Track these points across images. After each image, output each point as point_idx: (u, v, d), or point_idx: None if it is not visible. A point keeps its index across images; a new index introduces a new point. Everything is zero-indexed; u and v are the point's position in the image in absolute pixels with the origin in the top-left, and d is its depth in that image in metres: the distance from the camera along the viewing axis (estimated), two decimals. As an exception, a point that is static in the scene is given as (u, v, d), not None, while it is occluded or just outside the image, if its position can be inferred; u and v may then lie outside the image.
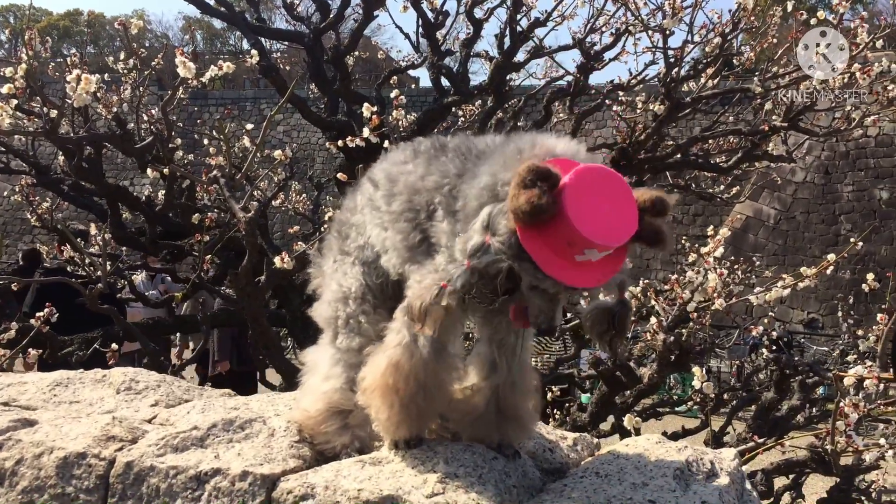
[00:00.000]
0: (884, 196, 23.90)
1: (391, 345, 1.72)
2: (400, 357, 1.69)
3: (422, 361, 1.68)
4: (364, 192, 1.94)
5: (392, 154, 1.96)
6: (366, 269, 1.91)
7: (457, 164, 1.71)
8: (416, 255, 1.73)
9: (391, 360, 1.70)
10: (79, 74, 3.48)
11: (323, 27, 5.95)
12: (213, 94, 31.51)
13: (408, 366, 1.68)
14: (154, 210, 4.91)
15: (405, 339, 1.70)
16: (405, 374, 1.68)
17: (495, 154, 1.65)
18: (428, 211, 1.71)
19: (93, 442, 1.90)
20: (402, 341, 1.70)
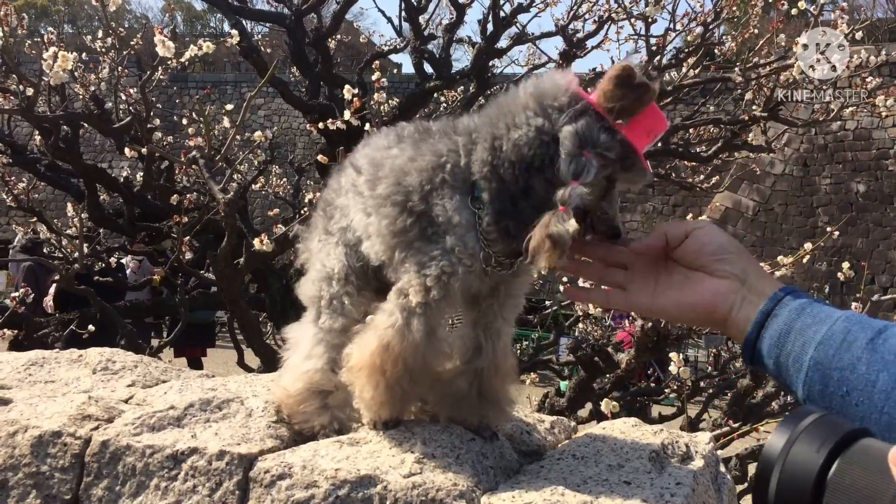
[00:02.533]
0: (860, 189, 24.19)
1: (382, 326, 1.71)
2: (391, 339, 1.68)
3: (413, 345, 1.67)
4: (348, 176, 1.92)
5: (374, 139, 1.93)
6: (348, 250, 1.90)
7: (448, 143, 1.70)
8: (407, 239, 1.70)
9: (382, 340, 1.69)
10: (56, 52, 3.43)
11: (305, 9, 5.90)
12: (193, 76, 31.21)
13: (399, 348, 1.68)
14: (132, 191, 4.86)
15: (398, 321, 1.68)
16: (395, 357, 1.68)
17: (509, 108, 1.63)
18: (422, 192, 1.68)
19: (68, 421, 1.89)
20: (394, 323, 1.69)
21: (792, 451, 0.95)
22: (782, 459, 0.95)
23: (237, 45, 4.89)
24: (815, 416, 0.98)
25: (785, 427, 0.98)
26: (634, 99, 1.46)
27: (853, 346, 1.13)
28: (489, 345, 1.81)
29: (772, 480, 0.96)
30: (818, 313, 1.21)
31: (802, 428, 0.96)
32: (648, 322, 3.00)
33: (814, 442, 0.94)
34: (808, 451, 0.94)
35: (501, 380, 1.85)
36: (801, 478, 0.93)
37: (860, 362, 1.12)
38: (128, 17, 47.57)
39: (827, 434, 0.94)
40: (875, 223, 23.96)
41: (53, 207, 20.49)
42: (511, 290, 1.81)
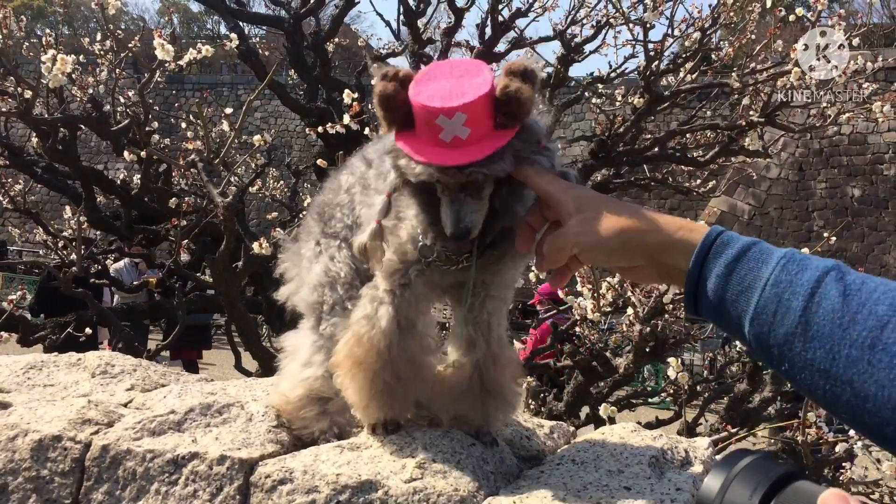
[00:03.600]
0: (856, 193, 24.29)
1: (355, 318, 1.72)
2: (361, 327, 1.69)
3: (381, 332, 1.67)
4: (354, 172, 1.92)
5: (375, 143, 1.95)
6: (351, 252, 1.89)
7: None
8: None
9: (354, 332, 1.71)
10: (54, 54, 3.42)
11: (303, 12, 5.90)
12: (190, 78, 31.21)
13: (368, 336, 1.68)
14: (129, 194, 4.85)
15: (367, 310, 1.70)
16: (366, 345, 1.68)
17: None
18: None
19: (68, 425, 1.88)
20: (363, 313, 1.70)
21: (727, 496, 0.95)
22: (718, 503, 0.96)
23: (236, 48, 4.89)
24: (749, 459, 0.98)
25: (719, 471, 0.98)
26: (377, 106, 1.46)
27: (786, 318, 1.07)
28: (480, 337, 1.80)
29: None
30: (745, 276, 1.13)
31: (736, 472, 0.97)
32: (646, 327, 3.01)
33: (748, 486, 0.94)
34: (742, 495, 0.94)
35: (502, 370, 1.84)
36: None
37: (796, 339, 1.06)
38: (124, 19, 47.53)
39: (760, 478, 0.95)
40: (870, 227, 24.05)
41: (49, 209, 20.45)
42: (491, 291, 1.79)
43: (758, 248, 1.15)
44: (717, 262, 1.16)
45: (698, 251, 1.19)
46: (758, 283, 1.11)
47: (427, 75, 1.47)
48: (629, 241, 1.27)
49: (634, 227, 1.27)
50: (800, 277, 1.08)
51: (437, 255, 1.63)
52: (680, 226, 1.25)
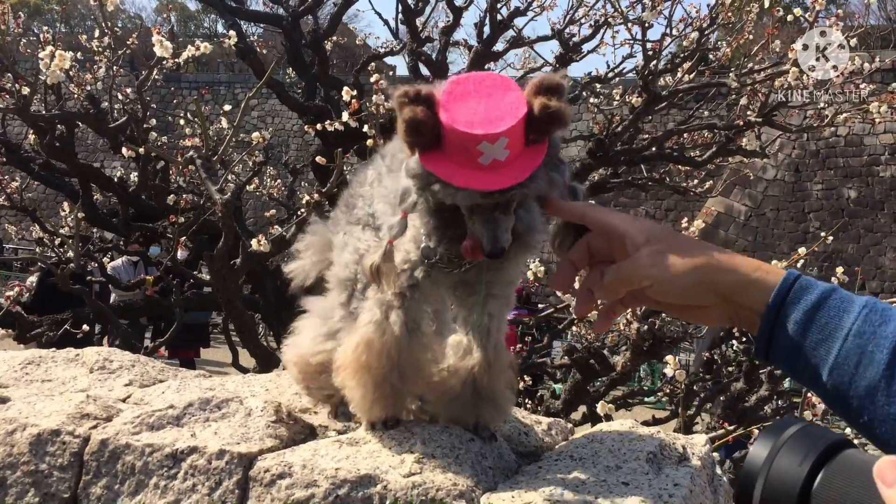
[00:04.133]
0: (852, 195, 24.35)
1: (363, 322, 1.73)
2: (372, 334, 1.70)
3: (394, 338, 1.68)
4: (376, 167, 1.94)
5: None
6: (377, 234, 1.90)
7: None
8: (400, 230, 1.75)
9: (363, 337, 1.71)
10: (52, 51, 3.42)
11: (301, 10, 5.90)
12: (187, 76, 31.17)
13: (379, 343, 1.69)
14: (127, 191, 4.85)
15: (376, 316, 1.70)
16: (377, 352, 1.69)
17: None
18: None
19: (67, 419, 1.89)
20: (373, 318, 1.71)
21: (775, 463, 0.94)
22: (766, 471, 0.95)
23: (234, 45, 4.89)
24: (798, 426, 0.97)
25: (767, 438, 0.97)
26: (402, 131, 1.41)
27: (869, 369, 1.04)
28: (478, 342, 1.81)
29: (755, 492, 0.95)
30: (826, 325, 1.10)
31: (785, 439, 0.96)
32: (644, 325, 3.01)
33: (797, 454, 0.93)
34: (792, 463, 0.93)
35: (495, 377, 1.85)
36: (785, 490, 0.92)
37: (879, 392, 1.03)
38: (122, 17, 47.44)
39: (810, 446, 0.94)
40: (866, 229, 24.11)
41: (45, 207, 20.42)
42: (493, 290, 1.80)
43: (838, 296, 1.12)
44: (796, 307, 1.13)
45: (776, 293, 1.15)
46: (839, 332, 1.08)
47: (454, 95, 1.44)
48: (704, 278, 1.24)
49: (711, 265, 1.24)
50: (883, 329, 1.06)
51: (440, 257, 1.64)
52: (757, 266, 1.22)
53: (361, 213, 1.93)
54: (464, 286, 1.79)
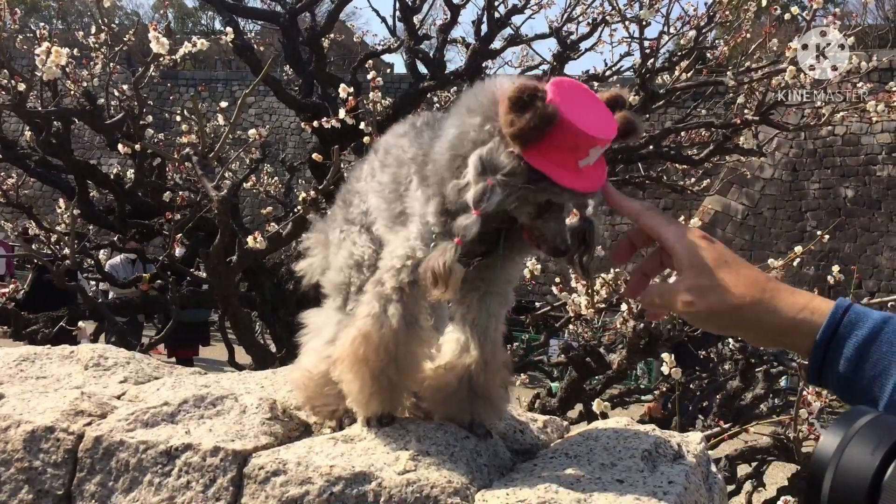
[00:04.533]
0: (849, 194, 24.36)
1: (361, 315, 1.72)
2: (370, 327, 1.69)
3: (392, 332, 1.68)
4: (370, 161, 1.94)
5: (396, 126, 1.95)
6: (370, 235, 1.91)
7: (430, 135, 1.72)
8: (395, 225, 1.75)
9: (361, 330, 1.70)
10: (49, 47, 3.41)
11: (299, 7, 5.89)
12: (184, 74, 31.11)
13: (377, 335, 1.68)
14: (123, 188, 4.83)
15: (375, 309, 1.70)
16: (375, 345, 1.68)
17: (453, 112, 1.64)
18: (405, 183, 1.72)
19: (61, 416, 1.88)
20: (371, 311, 1.70)
21: (846, 453, 0.93)
22: (836, 460, 0.93)
23: (231, 42, 4.88)
24: (870, 416, 0.95)
25: (838, 427, 0.95)
26: (531, 125, 1.39)
27: None
28: (475, 341, 1.81)
29: (825, 482, 0.94)
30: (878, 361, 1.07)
31: (857, 429, 0.94)
32: (640, 323, 3.01)
33: (868, 443, 0.92)
34: (863, 452, 0.92)
35: (491, 376, 1.85)
36: (856, 480, 0.91)
37: None
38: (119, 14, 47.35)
39: (882, 436, 0.92)
40: (863, 228, 24.13)
41: (42, 204, 20.39)
42: (493, 287, 1.80)
43: (890, 329, 1.09)
44: (846, 344, 1.10)
45: (822, 333, 1.12)
46: (894, 368, 1.06)
47: (568, 97, 1.44)
48: (743, 320, 1.22)
49: (752, 306, 1.20)
50: None
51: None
52: (803, 306, 1.17)
53: (357, 210, 1.93)
54: (465, 285, 1.79)
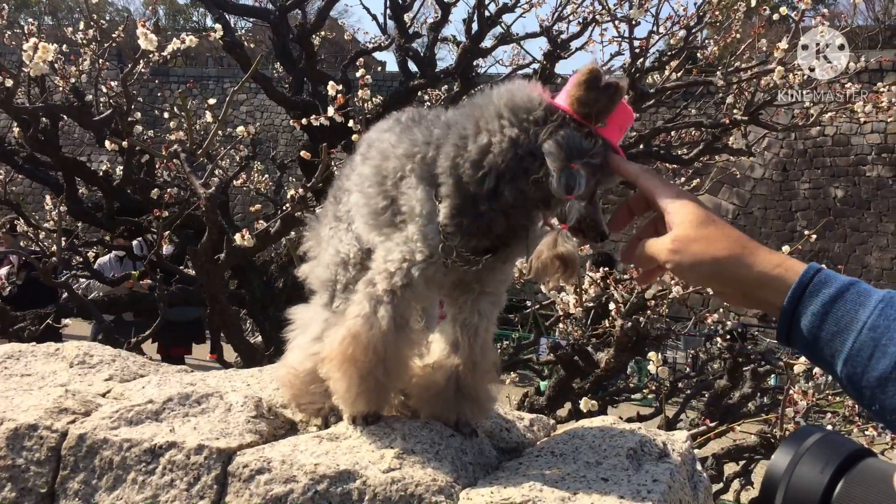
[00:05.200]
0: (838, 194, 24.48)
1: (351, 315, 1.72)
2: (359, 328, 1.69)
3: (381, 333, 1.68)
4: (353, 157, 1.93)
5: (381, 122, 1.95)
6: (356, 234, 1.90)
7: (425, 133, 1.72)
8: (379, 222, 1.73)
9: (350, 330, 1.70)
10: (36, 43, 3.39)
11: (289, 4, 5.87)
12: (175, 71, 30.99)
13: (367, 336, 1.68)
14: (111, 185, 4.81)
15: (365, 310, 1.70)
16: (364, 345, 1.68)
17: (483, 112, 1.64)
18: (395, 178, 1.70)
19: (45, 414, 1.87)
20: (361, 312, 1.70)
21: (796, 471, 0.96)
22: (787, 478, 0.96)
23: (220, 39, 4.85)
24: (818, 435, 0.99)
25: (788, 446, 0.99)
26: (607, 100, 1.48)
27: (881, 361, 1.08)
28: (465, 341, 1.81)
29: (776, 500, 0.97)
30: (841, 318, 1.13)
31: (806, 447, 0.98)
32: (628, 322, 3.02)
33: (818, 462, 0.95)
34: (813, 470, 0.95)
35: (479, 377, 1.85)
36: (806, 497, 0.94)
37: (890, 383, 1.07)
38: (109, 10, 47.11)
39: (830, 454, 0.96)
40: (852, 228, 24.26)
41: (31, 201, 20.28)
42: (487, 288, 1.81)
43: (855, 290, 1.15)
44: (813, 300, 1.16)
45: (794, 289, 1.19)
46: (854, 325, 1.11)
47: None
48: (722, 272, 1.28)
49: (731, 259, 1.27)
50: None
51: (458, 255, 1.64)
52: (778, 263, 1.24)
53: (344, 209, 1.93)
54: (459, 287, 1.79)
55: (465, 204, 1.60)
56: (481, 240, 1.64)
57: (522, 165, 1.55)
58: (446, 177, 1.62)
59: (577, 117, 1.50)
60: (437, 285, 1.77)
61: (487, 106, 1.64)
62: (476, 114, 1.64)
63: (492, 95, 1.66)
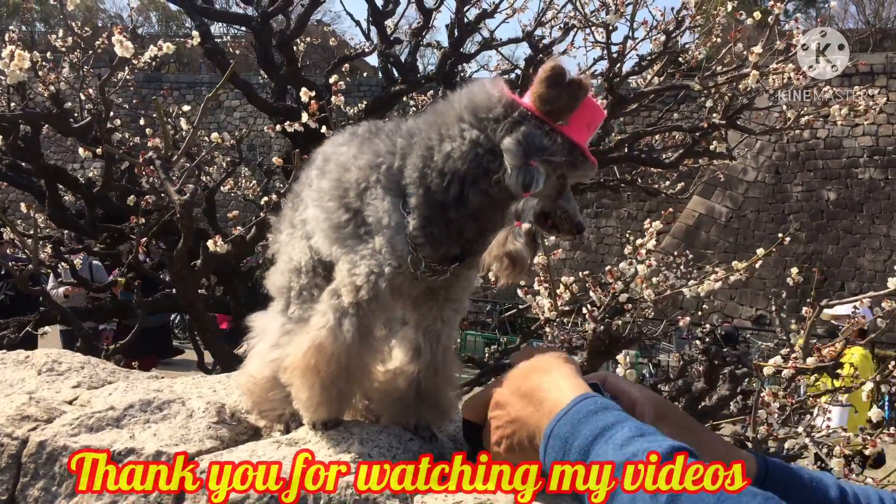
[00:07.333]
0: (831, 197, 24.57)
1: (315, 326, 1.72)
2: (324, 339, 1.69)
3: (345, 345, 1.68)
4: (309, 170, 1.94)
5: (334, 136, 1.96)
6: (309, 242, 1.90)
7: (387, 143, 1.72)
8: (342, 235, 1.72)
9: (314, 341, 1.70)
10: (12, 51, 3.40)
11: (270, 11, 5.88)
12: (168, 77, 30.96)
13: (331, 348, 1.68)
14: (93, 192, 4.81)
15: (330, 322, 1.70)
16: (328, 357, 1.68)
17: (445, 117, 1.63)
18: (358, 190, 1.70)
19: (6, 421, 1.87)
20: (327, 324, 1.70)
21: None
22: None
23: (200, 45, 4.86)
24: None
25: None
26: (569, 97, 1.48)
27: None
28: (427, 347, 1.82)
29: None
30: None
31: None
32: (600, 326, 3.03)
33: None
34: None
35: (440, 383, 1.86)
36: None
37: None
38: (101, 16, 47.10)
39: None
40: (845, 230, 24.34)
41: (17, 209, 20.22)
42: (451, 294, 1.82)
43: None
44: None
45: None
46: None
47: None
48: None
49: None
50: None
51: (426, 265, 1.64)
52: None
53: (299, 218, 1.93)
54: (424, 296, 1.79)
55: (434, 213, 1.60)
56: (451, 247, 1.64)
57: (483, 165, 1.55)
58: (415, 187, 1.62)
59: (539, 114, 1.51)
60: (405, 296, 1.77)
61: (448, 112, 1.64)
62: (438, 121, 1.65)
63: (452, 100, 1.67)
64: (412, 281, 1.70)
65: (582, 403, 1.27)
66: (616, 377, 1.56)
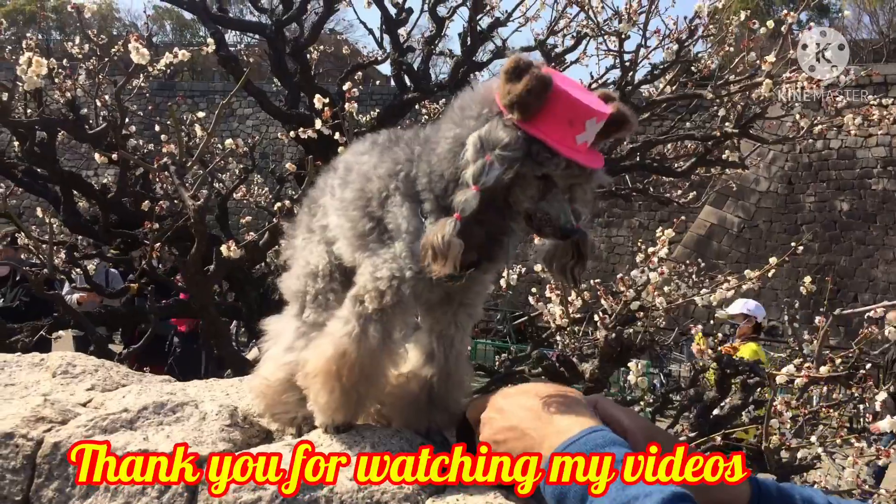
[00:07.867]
0: (844, 207, 24.42)
1: (338, 333, 1.71)
2: (348, 346, 1.68)
3: (370, 351, 1.68)
4: (328, 178, 1.95)
5: (355, 145, 1.97)
6: (329, 248, 1.91)
7: (406, 151, 1.73)
8: (366, 242, 1.73)
9: (338, 348, 1.69)
10: (30, 57, 3.44)
11: (284, 19, 5.92)
12: (182, 84, 31.16)
13: (356, 355, 1.68)
14: (107, 198, 4.85)
15: (355, 329, 1.68)
16: (351, 363, 1.68)
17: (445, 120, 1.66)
18: (380, 198, 1.71)
19: (21, 423, 1.89)
20: (351, 332, 1.69)
21: None
22: None
23: (215, 53, 4.90)
24: None
25: None
26: (525, 90, 1.44)
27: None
28: (441, 352, 1.83)
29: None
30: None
31: None
32: (612, 333, 3.03)
33: None
34: None
35: (452, 388, 1.86)
36: None
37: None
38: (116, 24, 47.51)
39: None
40: (858, 241, 24.18)
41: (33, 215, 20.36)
42: (466, 299, 1.82)
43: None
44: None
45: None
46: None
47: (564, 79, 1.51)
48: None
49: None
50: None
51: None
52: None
53: (318, 224, 1.94)
54: (441, 301, 1.80)
55: (443, 217, 1.60)
56: (466, 253, 1.65)
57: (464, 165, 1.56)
58: (427, 193, 1.64)
59: (503, 110, 1.51)
60: (424, 301, 1.78)
61: (448, 115, 1.67)
62: (442, 125, 1.67)
63: (454, 103, 1.68)
64: (430, 286, 1.70)
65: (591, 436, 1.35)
66: (607, 402, 1.59)
